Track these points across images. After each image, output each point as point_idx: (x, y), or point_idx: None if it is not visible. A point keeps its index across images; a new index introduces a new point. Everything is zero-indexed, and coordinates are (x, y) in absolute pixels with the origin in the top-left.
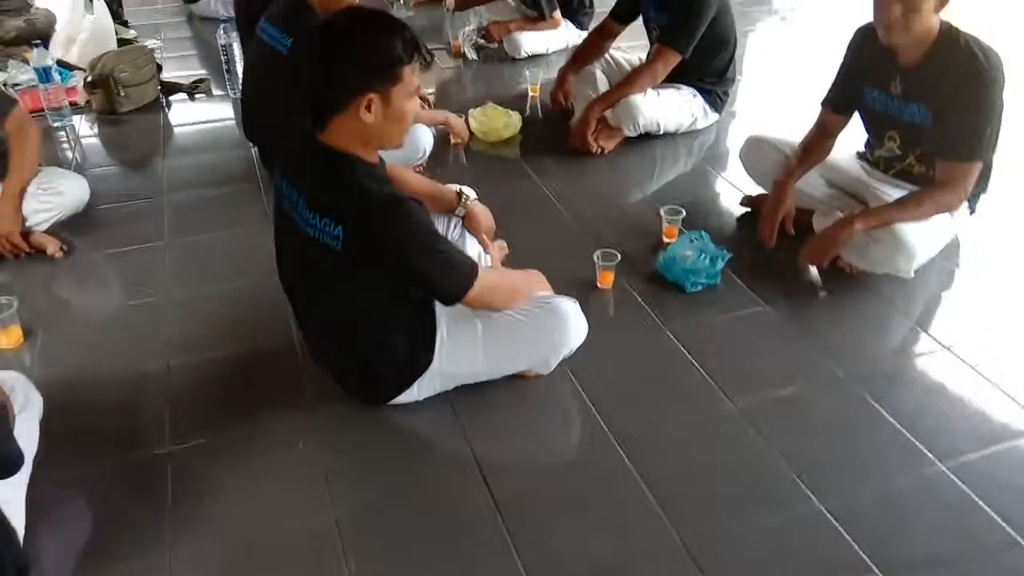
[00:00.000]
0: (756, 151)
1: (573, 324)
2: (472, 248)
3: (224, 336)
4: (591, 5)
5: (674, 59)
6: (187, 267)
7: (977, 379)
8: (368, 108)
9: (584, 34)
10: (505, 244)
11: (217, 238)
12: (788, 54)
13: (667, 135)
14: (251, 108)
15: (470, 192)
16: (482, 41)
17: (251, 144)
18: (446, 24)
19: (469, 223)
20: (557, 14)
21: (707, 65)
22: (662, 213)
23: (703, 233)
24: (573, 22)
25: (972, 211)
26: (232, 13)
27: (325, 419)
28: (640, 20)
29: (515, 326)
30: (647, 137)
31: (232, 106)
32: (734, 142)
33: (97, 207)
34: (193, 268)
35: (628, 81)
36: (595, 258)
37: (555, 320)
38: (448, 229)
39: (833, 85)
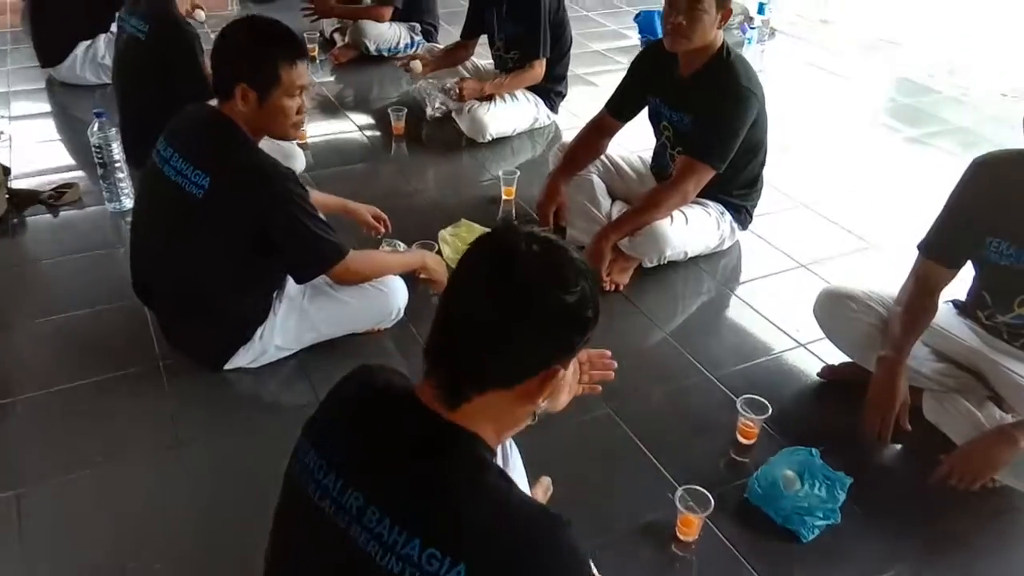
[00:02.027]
0: (840, 311)
1: None
2: (521, 480)
3: None
4: (566, 89)
5: (707, 175)
6: (52, 538)
7: None
8: (543, 389)
9: (554, 116)
10: (549, 482)
11: (101, 476)
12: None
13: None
14: (147, 263)
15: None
16: (449, 105)
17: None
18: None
19: None
20: (543, 63)
21: (737, 175)
22: (739, 407)
23: (813, 451)
24: (545, 100)
25: None
26: (103, 79)
27: None
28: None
29: None
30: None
31: (111, 221)
32: (755, 260)
33: None
34: (60, 539)
35: (651, 204)
36: (676, 501)
37: None
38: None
39: (939, 230)
